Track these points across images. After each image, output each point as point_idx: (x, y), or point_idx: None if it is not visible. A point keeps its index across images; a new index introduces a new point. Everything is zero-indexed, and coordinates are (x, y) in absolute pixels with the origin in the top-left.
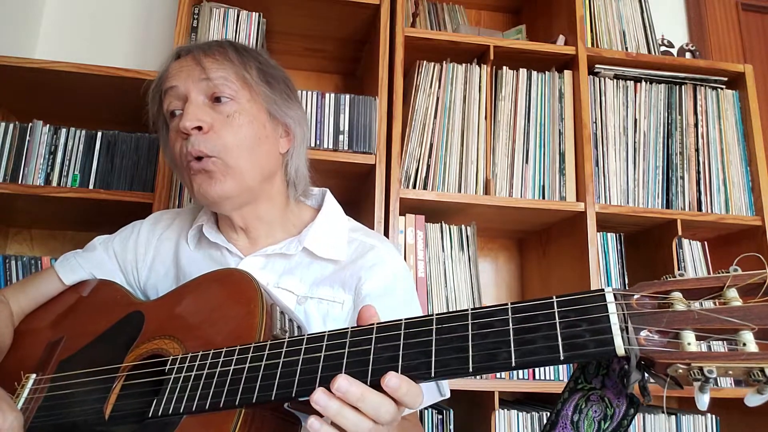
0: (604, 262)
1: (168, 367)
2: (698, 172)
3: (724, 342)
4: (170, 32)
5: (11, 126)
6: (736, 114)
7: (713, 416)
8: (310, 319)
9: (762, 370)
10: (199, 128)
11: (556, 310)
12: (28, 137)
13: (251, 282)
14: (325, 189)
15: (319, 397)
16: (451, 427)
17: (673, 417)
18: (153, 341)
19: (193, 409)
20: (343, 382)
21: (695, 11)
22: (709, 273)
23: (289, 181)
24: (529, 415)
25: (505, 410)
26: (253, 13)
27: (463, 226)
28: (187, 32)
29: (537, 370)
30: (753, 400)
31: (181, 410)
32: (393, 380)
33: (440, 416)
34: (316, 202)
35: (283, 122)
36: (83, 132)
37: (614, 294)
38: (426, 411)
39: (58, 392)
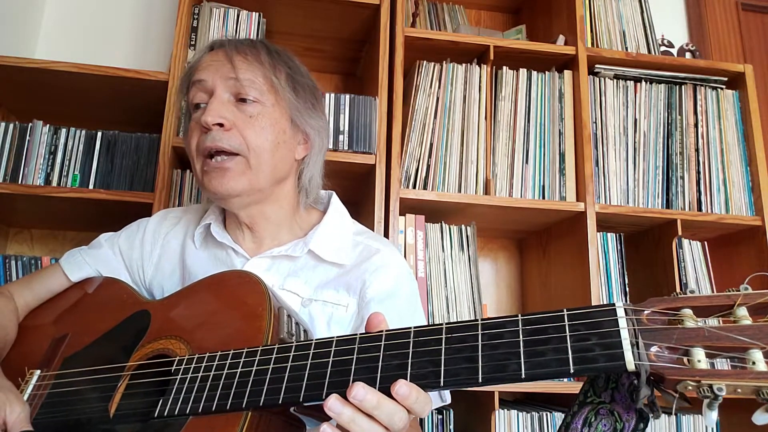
0: (604, 262)
1: (174, 367)
2: (698, 172)
3: (732, 360)
4: (170, 32)
5: (11, 126)
6: (736, 114)
7: None
8: (315, 322)
9: None
10: (221, 125)
11: (566, 323)
12: (28, 137)
13: (259, 284)
14: (332, 192)
15: (333, 404)
16: (451, 427)
17: (673, 417)
18: (159, 341)
19: (200, 410)
20: (360, 389)
21: (695, 11)
22: (709, 273)
23: (301, 188)
24: (529, 415)
25: (505, 410)
26: (253, 13)
27: (463, 226)
28: (187, 32)
29: None
30: (761, 419)
31: (187, 411)
32: (403, 388)
33: (440, 416)
34: (322, 205)
35: (303, 130)
36: (83, 132)
37: (625, 309)
38: None
39: (63, 389)
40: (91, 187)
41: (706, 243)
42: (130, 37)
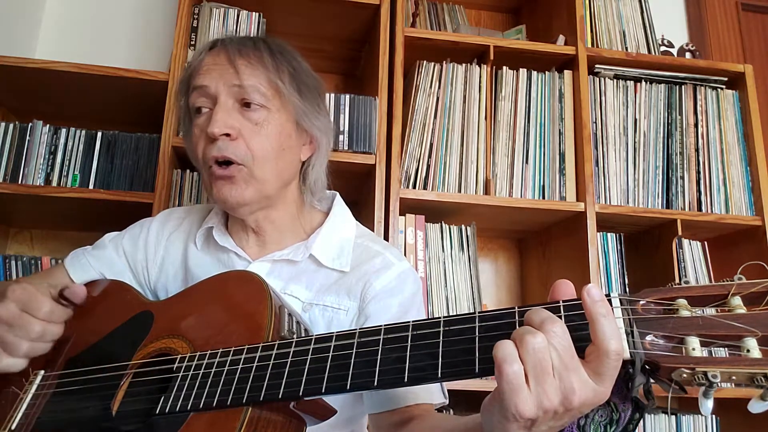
0: (604, 262)
1: (176, 365)
2: (698, 172)
3: (728, 349)
4: (170, 32)
5: (11, 126)
6: (736, 114)
7: (713, 416)
8: (315, 326)
9: (765, 375)
10: (227, 135)
11: (563, 314)
12: (28, 137)
13: (260, 283)
14: (335, 192)
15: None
16: None
17: (673, 417)
18: (161, 340)
19: (200, 406)
20: (594, 288)
21: (695, 11)
22: (709, 273)
23: (306, 188)
24: None
25: None
26: (253, 13)
27: (463, 226)
28: (187, 32)
29: None
30: (757, 406)
31: (188, 407)
32: (594, 289)
33: None
34: (325, 205)
35: (309, 132)
36: (83, 132)
37: (620, 299)
38: None
39: (66, 389)
40: (91, 187)
41: (706, 243)
42: (130, 37)
